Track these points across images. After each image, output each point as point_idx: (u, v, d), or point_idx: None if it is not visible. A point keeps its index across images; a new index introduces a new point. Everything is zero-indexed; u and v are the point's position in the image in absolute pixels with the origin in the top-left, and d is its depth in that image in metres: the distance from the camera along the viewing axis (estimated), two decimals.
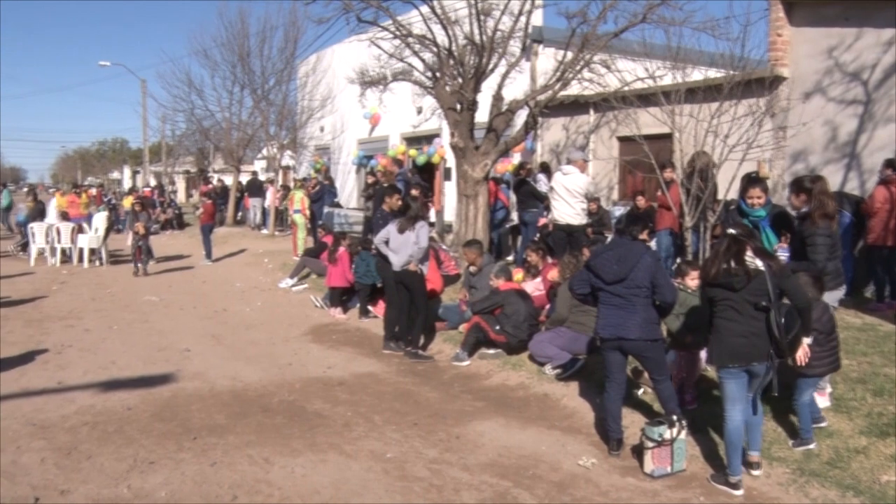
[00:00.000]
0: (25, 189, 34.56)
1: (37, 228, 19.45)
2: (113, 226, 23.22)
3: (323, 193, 22.86)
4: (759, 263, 5.37)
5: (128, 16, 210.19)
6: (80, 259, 19.01)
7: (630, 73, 12.63)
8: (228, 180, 32.56)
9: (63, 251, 19.32)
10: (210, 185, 31.58)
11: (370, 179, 17.54)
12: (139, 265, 17.12)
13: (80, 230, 19.39)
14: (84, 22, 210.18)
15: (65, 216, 20.42)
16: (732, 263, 5.34)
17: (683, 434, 5.92)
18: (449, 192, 19.13)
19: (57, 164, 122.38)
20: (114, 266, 18.95)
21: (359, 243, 12.99)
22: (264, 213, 26.55)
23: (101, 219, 20.02)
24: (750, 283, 5.34)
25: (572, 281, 6.80)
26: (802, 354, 5.55)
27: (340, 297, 12.60)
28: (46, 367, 9.04)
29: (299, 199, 19.04)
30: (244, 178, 31.39)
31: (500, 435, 6.76)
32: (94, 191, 36.11)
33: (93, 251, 19.23)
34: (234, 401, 7.69)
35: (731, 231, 5.51)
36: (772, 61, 12.57)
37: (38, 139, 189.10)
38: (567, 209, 11.30)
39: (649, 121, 11.65)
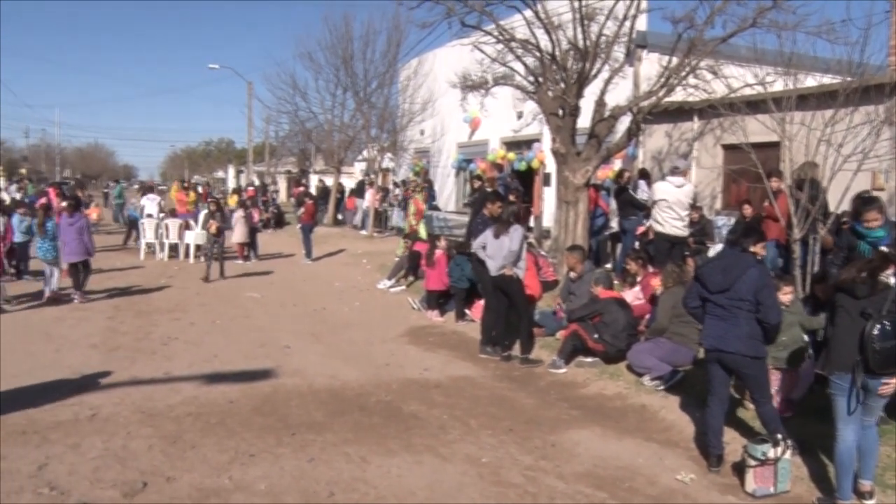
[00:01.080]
0: (136, 186, 36.02)
1: (147, 224, 20.28)
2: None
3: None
4: (893, 281, 5.23)
5: (237, 20, 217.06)
6: (187, 255, 19.72)
7: (738, 78, 12.28)
8: (329, 181, 33.17)
9: (171, 247, 20.09)
10: (302, 187, 32.27)
11: (476, 184, 17.59)
12: (209, 264, 16.19)
13: (187, 227, 20.13)
14: (195, 26, 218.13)
15: (172, 213, 21.25)
16: (865, 274, 5.21)
17: (789, 454, 5.73)
18: (548, 198, 18.99)
19: (166, 162, 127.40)
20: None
21: (454, 247, 13.04)
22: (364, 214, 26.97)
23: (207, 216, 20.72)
24: (873, 295, 5.16)
25: (685, 295, 6.65)
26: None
27: (437, 300, 12.68)
28: (154, 357, 9.42)
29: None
30: (345, 180, 31.93)
31: (596, 445, 6.69)
32: (200, 188, 37.25)
33: (198, 247, 19.92)
34: (332, 399, 7.83)
35: (884, 249, 5.42)
36: (893, 66, 12.01)
37: (149, 138, 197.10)
38: (675, 220, 11.13)
39: (757, 128, 11.30)
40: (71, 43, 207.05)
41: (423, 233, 17.31)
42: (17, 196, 26.31)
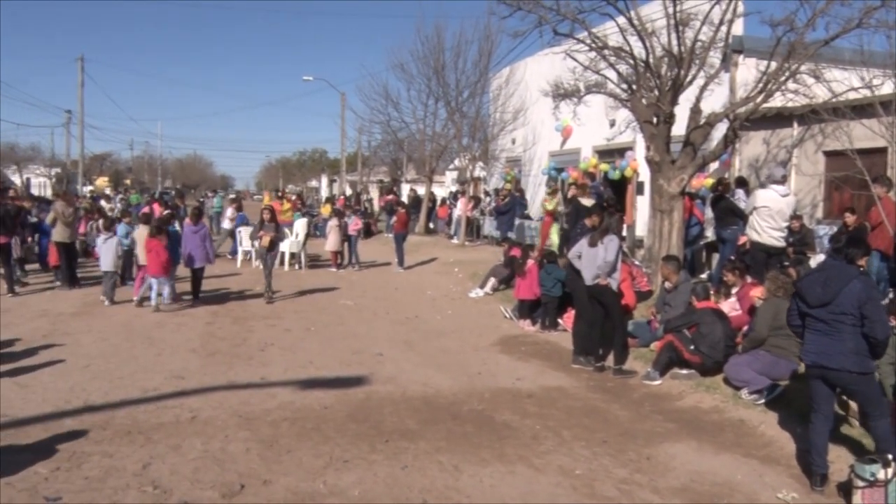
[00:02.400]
0: (231, 196, 37.02)
1: (244, 232, 20.86)
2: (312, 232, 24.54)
3: (513, 205, 23.03)
4: None
5: (331, 33, 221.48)
6: (282, 262, 20.19)
7: (841, 82, 11.87)
8: (421, 190, 33.46)
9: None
10: (392, 196, 32.65)
11: (570, 193, 17.47)
12: (269, 282, 14.77)
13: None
14: (291, 40, 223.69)
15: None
16: None
17: None
18: (641, 207, 18.71)
19: (261, 172, 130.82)
20: (311, 270, 20.02)
21: (545, 256, 12.99)
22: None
23: (301, 225, 21.21)
24: None
25: (788, 310, 6.43)
26: None
27: (529, 310, 12.64)
28: (251, 362, 9.69)
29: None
30: (436, 189, 32.15)
31: (692, 459, 6.56)
32: (294, 197, 38.10)
33: (293, 255, 20.40)
34: (425, 407, 7.90)
35: None
36: None
37: (246, 149, 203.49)
38: (773, 229, 10.84)
39: (862, 133, 10.92)
40: (173, 59, 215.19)
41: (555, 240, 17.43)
42: (120, 206, 27.48)
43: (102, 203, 25.73)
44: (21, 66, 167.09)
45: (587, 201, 14.87)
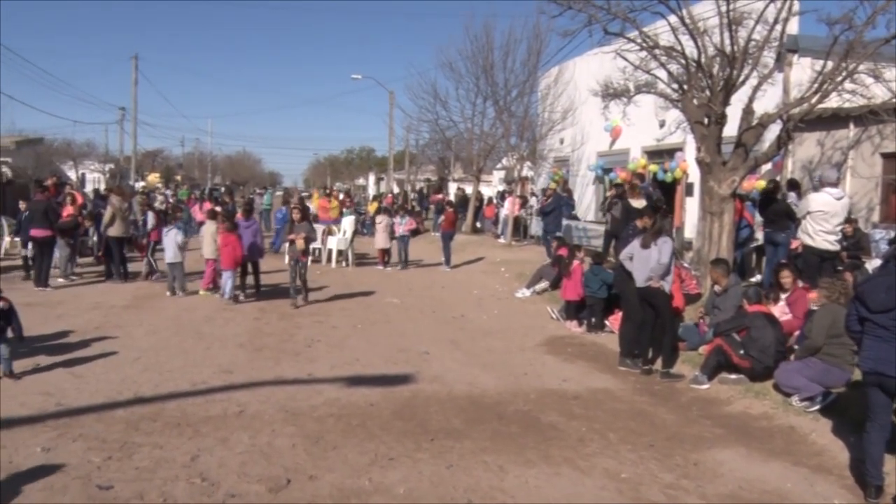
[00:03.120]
0: (279, 193, 37.46)
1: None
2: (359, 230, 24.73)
3: (560, 205, 22.90)
4: None
5: (381, 31, 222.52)
6: (329, 259, 20.36)
7: None
8: (468, 189, 33.46)
9: (314, 251, 20.77)
10: (440, 195, 32.69)
11: (610, 192, 17.35)
12: (294, 287, 13.90)
13: (330, 232, 20.79)
14: (340, 38, 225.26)
15: (315, 219, 22.00)
16: None
17: None
18: (690, 209, 18.48)
19: (309, 169, 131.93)
20: (358, 268, 20.14)
21: (591, 257, 12.89)
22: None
23: (349, 222, 21.37)
24: None
25: (846, 316, 6.29)
26: None
27: (576, 311, 12.57)
28: (298, 358, 9.78)
29: None
30: (484, 188, 32.12)
31: (740, 466, 6.45)
32: (342, 195, 38.39)
33: (340, 252, 20.55)
34: (471, 406, 7.90)
35: None
36: None
37: (295, 147, 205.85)
38: (827, 233, 10.64)
39: None
40: (224, 57, 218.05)
41: None
42: (171, 201, 27.98)
43: (158, 198, 26.21)
44: (78, 64, 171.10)
45: (637, 203, 14.74)
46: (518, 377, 9.22)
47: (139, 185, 49.19)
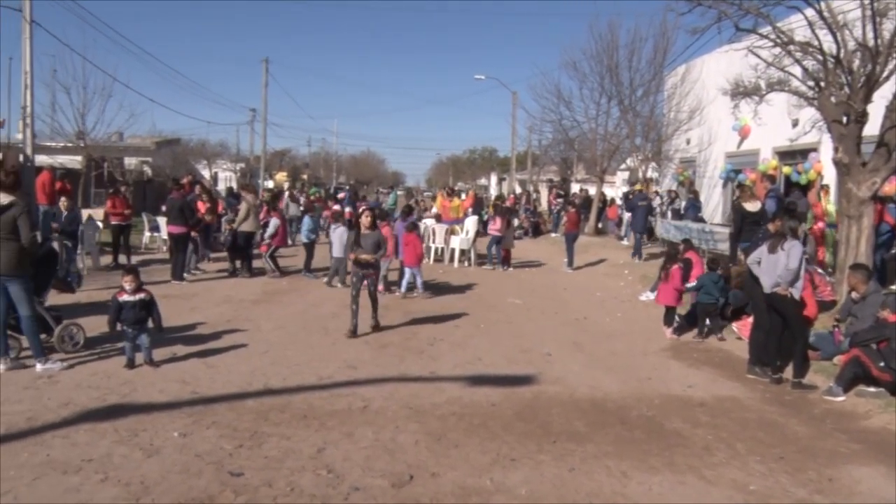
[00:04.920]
0: (400, 192, 38.07)
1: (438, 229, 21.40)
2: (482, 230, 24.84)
3: (687, 207, 22.38)
4: None
5: (503, 31, 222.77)
6: (451, 259, 20.54)
7: None
8: (591, 190, 33.12)
9: (436, 251, 21.02)
10: (561, 196, 32.46)
11: (737, 194, 16.81)
12: (355, 310, 11.11)
13: (453, 232, 20.96)
14: (463, 39, 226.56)
15: (438, 218, 22.25)
16: None
17: None
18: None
19: (431, 169, 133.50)
20: (479, 268, 20.20)
21: (707, 262, 12.52)
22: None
23: (471, 222, 21.50)
24: None
25: None
26: None
27: (674, 316, 12.19)
28: (421, 356, 9.90)
29: None
30: (607, 189, 31.73)
31: (880, 485, 6.11)
32: (464, 195, 38.62)
33: (462, 252, 20.69)
34: (593, 409, 7.81)
35: None
36: None
37: (418, 147, 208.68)
38: None
39: None
40: (349, 59, 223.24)
41: None
42: (302, 199, 28.88)
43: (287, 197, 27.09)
44: (211, 67, 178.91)
45: (751, 206, 14.21)
46: (641, 381, 9.06)
47: (268, 184, 51.06)
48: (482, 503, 5.41)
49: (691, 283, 12.47)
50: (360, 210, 14.82)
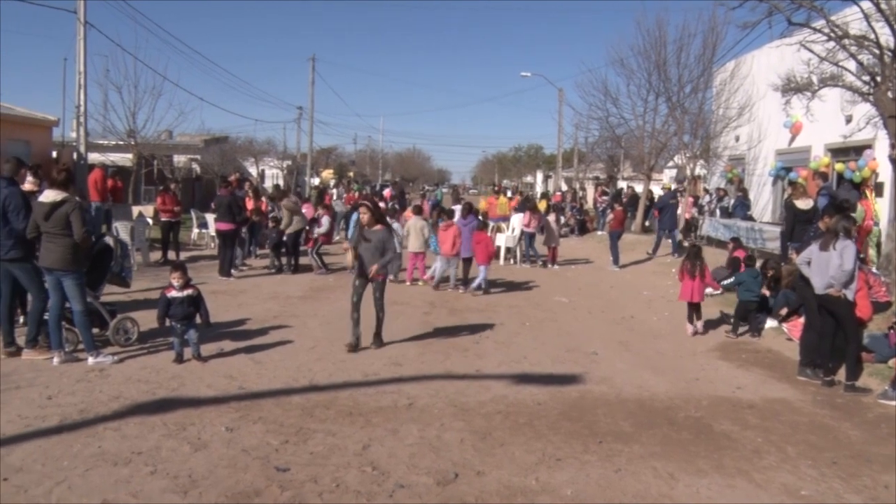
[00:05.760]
0: (446, 190, 38.08)
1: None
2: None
3: (735, 206, 22.06)
4: None
5: (550, 28, 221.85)
6: (497, 256, 20.47)
7: None
8: (638, 187, 32.81)
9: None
10: (605, 194, 32.19)
11: (788, 192, 16.51)
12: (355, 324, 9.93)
13: (499, 230, 20.90)
14: (509, 36, 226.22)
15: (485, 216, 22.23)
16: None
17: None
18: (882, 210, 17.25)
19: (477, 167, 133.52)
20: (524, 265, 20.11)
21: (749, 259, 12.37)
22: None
23: (517, 220, 21.41)
24: None
25: None
26: None
27: (696, 312, 12.06)
28: (466, 354, 9.88)
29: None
30: (654, 187, 31.39)
31: None
32: (509, 193, 38.46)
33: (508, 250, 20.64)
34: (640, 410, 7.72)
35: None
36: None
37: (463, 144, 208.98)
38: None
39: None
40: (395, 57, 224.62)
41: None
42: (344, 196, 29.08)
43: (332, 193, 27.28)
44: (259, 66, 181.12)
45: (803, 203, 13.93)
46: (689, 382, 8.93)
47: (314, 181, 51.42)
48: (527, 503, 5.36)
49: (729, 280, 12.37)
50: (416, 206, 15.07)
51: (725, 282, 12.32)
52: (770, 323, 11.99)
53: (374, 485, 5.49)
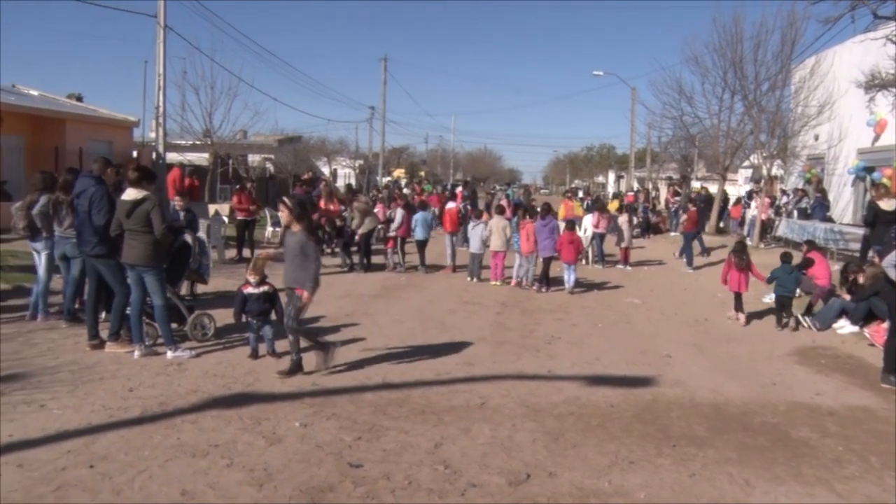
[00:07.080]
0: (517, 189, 37.85)
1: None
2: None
3: (814, 206, 21.52)
4: None
5: (623, 26, 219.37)
6: None
7: None
8: (712, 188, 32.21)
9: None
10: (678, 195, 31.66)
11: (872, 192, 16.00)
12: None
13: None
14: (582, 34, 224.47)
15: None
16: None
17: None
18: None
19: (548, 166, 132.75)
20: (596, 266, 19.93)
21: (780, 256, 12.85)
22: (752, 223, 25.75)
23: (587, 220, 21.23)
24: None
25: None
26: None
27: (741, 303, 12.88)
28: (538, 355, 9.84)
29: None
30: (729, 187, 30.77)
31: None
32: (580, 194, 38.12)
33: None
34: (715, 414, 7.58)
35: None
36: None
37: (535, 143, 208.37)
38: None
39: None
40: (467, 57, 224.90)
41: None
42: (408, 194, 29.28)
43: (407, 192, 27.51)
44: (332, 66, 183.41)
45: (887, 204, 13.47)
46: (765, 387, 8.72)
47: (386, 179, 51.84)
48: None
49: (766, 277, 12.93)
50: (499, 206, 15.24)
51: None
52: (851, 328, 11.65)
53: (447, 483, 5.51)
